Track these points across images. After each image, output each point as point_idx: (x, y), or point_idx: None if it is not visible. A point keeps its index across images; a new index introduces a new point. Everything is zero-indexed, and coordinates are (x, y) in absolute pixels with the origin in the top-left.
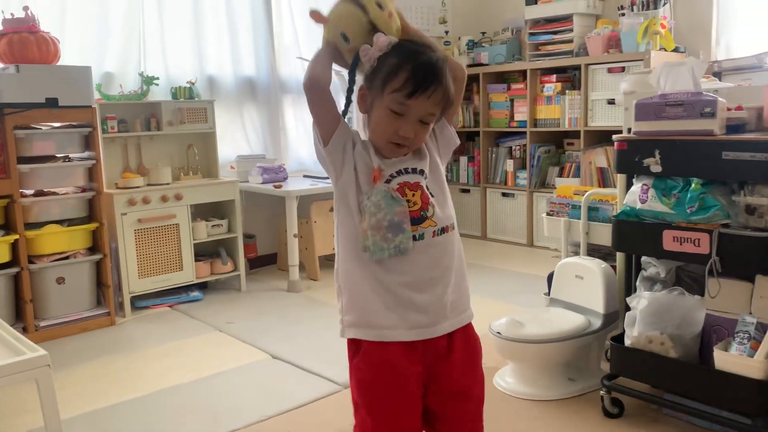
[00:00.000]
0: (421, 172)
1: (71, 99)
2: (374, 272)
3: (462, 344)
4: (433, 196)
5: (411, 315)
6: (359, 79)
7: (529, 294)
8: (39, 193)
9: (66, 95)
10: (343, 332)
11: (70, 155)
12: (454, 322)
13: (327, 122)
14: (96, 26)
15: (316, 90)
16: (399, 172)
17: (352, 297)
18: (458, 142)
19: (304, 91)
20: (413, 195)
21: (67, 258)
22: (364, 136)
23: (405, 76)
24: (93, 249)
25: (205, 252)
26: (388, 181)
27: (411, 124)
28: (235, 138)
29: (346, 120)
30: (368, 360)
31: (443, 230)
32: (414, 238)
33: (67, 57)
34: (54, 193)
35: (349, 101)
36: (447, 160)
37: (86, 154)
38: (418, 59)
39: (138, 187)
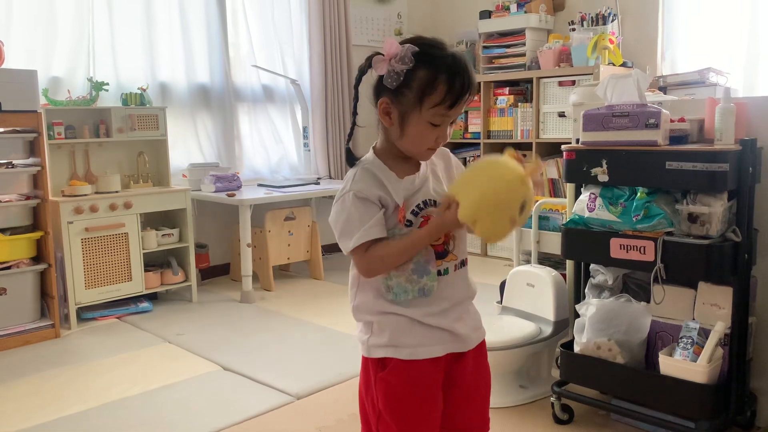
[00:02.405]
0: (435, 203)
1: (15, 103)
2: (400, 305)
3: (474, 350)
4: None
5: (436, 333)
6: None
7: (481, 302)
8: None
9: (10, 99)
10: (369, 351)
11: (14, 161)
12: (473, 341)
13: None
14: (43, 29)
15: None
16: (426, 204)
17: (381, 324)
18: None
19: (359, 272)
20: None
21: (9, 268)
22: (379, 142)
23: (443, 89)
24: (37, 258)
25: (155, 262)
26: (415, 213)
27: (447, 127)
28: (187, 146)
29: (353, 130)
30: (398, 373)
31: (462, 263)
32: (438, 273)
33: (12, 60)
34: None
35: (355, 115)
36: None
37: (31, 160)
38: (450, 68)
39: (85, 195)
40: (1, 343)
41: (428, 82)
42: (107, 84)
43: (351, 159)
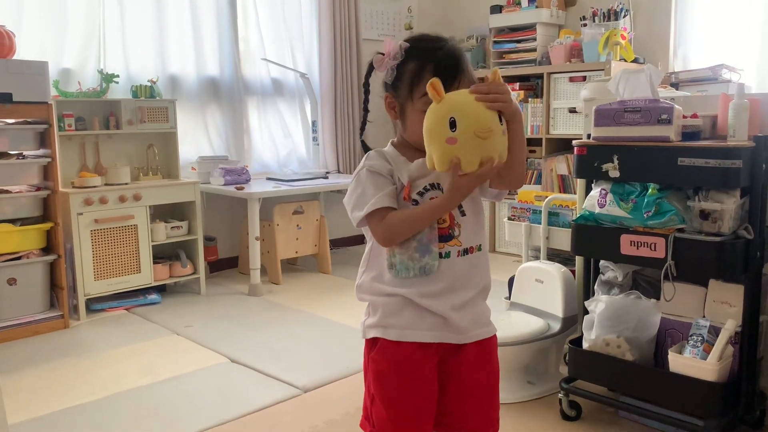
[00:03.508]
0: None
1: (26, 95)
2: (397, 284)
3: (475, 344)
4: (464, 215)
5: (428, 317)
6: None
7: (490, 298)
8: None
9: (21, 91)
10: (364, 333)
11: (24, 153)
12: (472, 335)
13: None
14: (54, 21)
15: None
16: (432, 186)
17: (374, 303)
18: None
19: (377, 240)
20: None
21: (19, 258)
22: (396, 137)
23: (429, 77)
24: (47, 249)
25: (163, 254)
26: (421, 194)
27: None
28: (196, 139)
29: (366, 124)
30: (385, 353)
31: (467, 251)
32: (440, 255)
33: (24, 52)
34: (7, 191)
35: (366, 112)
36: None
37: (41, 151)
38: (436, 56)
39: (95, 186)
40: (10, 333)
41: (416, 73)
42: (117, 76)
43: (368, 150)
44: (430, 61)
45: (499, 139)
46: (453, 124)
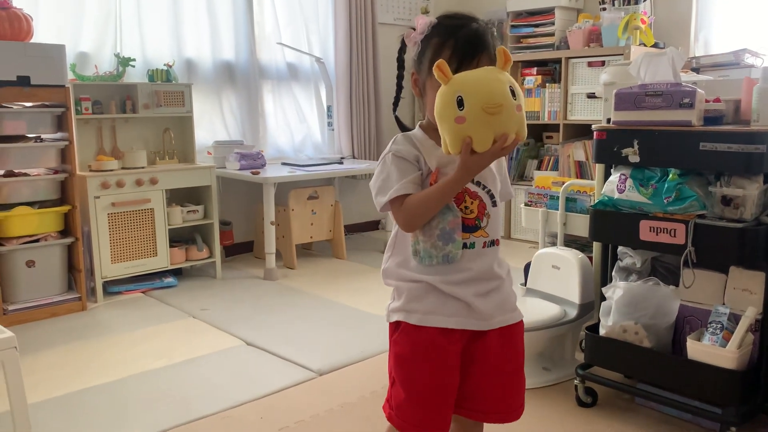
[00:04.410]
0: (478, 183)
1: (44, 78)
2: (422, 271)
3: (500, 329)
4: (495, 206)
5: (451, 303)
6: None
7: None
8: (9, 174)
9: (39, 74)
10: (388, 316)
11: (42, 136)
12: (496, 321)
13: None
14: (71, 4)
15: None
16: None
17: (399, 288)
18: None
19: (399, 226)
20: (471, 203)
21: (37, 241)
22: (425, 119)
23: (449, 52)
24: (65, 232)
25: (180, 238)
26: None
27: None
28: (212, 123)
29: (399, 102)
30: (407, 336)
31: (493, 242)
32: (464, 245)
33: (41, 35)
34: (25, 174)
35: (400, 88)
36: None
37: (59, 135)
38: (459, 33)
39: (112, 170)
40: (29, 315)
41: (436, 49)
42: (134, 60)
43: (401, 127)
44: (451, 38)
45: (513, 114)
46: (460, 103)
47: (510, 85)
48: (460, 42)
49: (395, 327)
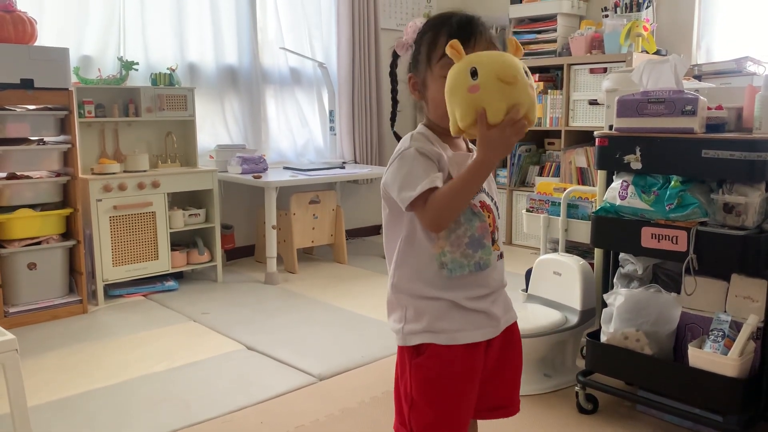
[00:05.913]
0: (488, 195)
1: (47, 81)
2: (440, 287)
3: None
4: (499, 217)
5: (474, 317)
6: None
7: (507, 290)
8: (11, 176)
9: (42, 77)
10: (405, 340)
11: (45, 138)
12: (503, 322)
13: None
14: (75, 8)
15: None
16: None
17: (416, 307)
18: None
19: (425, 225)
20: (488, 216)
21: (39, 243)
22: (425, 123)
23: (445, 40)
24: (66, 235)
25: (181, 241)
26: None
27: None
28: (214, 127)
29: (396, 116)
30: (436, 358)
31: (502, 255)
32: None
33: (45, 38)
34: (27, 177)
35: (395, 102)
36: None
37: (61, 137)
38: (452, 19)
39: (114, 173)
40: (30, 317)
41: (432, 40)
42: (137, 63)
43: (399, 138)
44: (444, 26)
45: (527, 89)
46: (474, 73)
47: (523, 67)
48: (455, 26)
49: (416, 351)
